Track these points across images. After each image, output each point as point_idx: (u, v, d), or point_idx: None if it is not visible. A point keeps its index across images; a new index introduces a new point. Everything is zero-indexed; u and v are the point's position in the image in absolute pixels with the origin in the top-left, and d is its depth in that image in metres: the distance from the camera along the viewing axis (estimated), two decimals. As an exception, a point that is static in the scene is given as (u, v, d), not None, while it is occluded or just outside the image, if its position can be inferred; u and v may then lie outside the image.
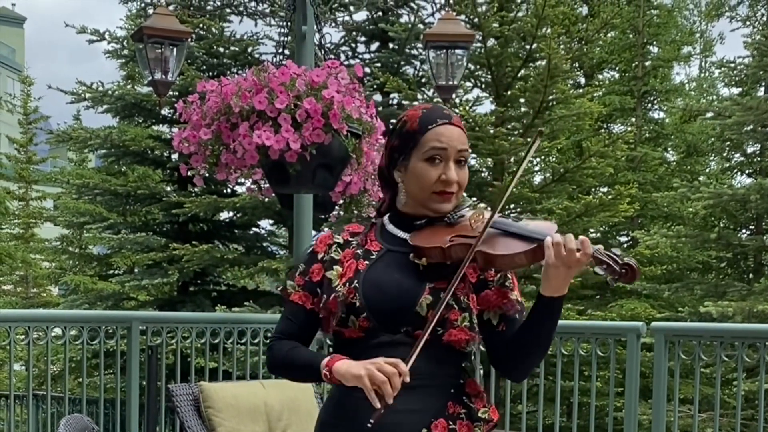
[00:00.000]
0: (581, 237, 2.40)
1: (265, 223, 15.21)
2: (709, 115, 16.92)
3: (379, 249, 2.61)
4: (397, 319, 2.48)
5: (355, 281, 2.53)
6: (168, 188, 14.60)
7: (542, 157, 16.24)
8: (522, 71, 13.06)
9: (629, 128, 18.87)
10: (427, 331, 2.40)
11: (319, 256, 2.65)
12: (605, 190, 16.79)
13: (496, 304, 2.58)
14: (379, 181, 2.76)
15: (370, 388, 2.33)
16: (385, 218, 2.69)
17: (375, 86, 13.29)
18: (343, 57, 14.14)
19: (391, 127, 2.71)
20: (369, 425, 2.32)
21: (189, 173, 4.84)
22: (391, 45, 14.23)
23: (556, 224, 2.57)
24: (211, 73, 13.73)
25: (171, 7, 12.85)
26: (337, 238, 2.67)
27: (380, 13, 14.26)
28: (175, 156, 13.88)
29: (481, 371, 6.33)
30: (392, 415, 2.41)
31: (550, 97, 12.76)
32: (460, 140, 2.57)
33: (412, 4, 14.35)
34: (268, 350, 2.69)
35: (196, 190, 13.76)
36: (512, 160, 13.19)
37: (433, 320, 2.41)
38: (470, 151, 2.65)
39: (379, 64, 14.08)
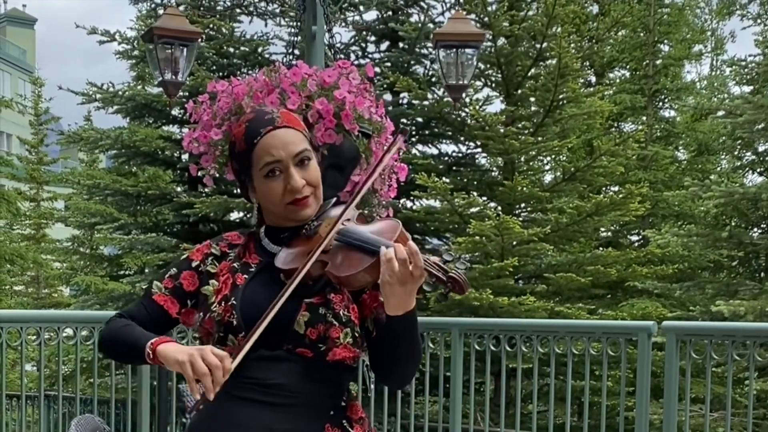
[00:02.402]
0: (411, 245, 2.23)
1: (275, 224, 15.21)
2: (720, 113, 16.86)
3: (258, 262, 2.47)
4: (276, 338, 2.32)
5: (232, 298, 2.38)
6: (178, 189, 14.63)
7: (553, 156, 16.21)
8: (532, 70, 13.04)
9: (640, 127, 18.82)
10: (257, 328, 2.26)
11: (194, 264, 2.50)
12: (616, 189, 16.73)
13: (370, 309, 2.44)
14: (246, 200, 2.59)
15: (191, 377, 2.18)
16: (261, 231, 2.55)
17: (385, 86, 13.28)
18: (353, 57, 14.13)
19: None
20: (187, 417, 2.23)
21: (199, 174, 4.85)
22: (401, 44, 14.21)
23: (399, 222, 2.40)
24: (221, 74, 13.74)
25: (181, 8, 12.90)
26: (214, 249, 2.52)
27: (390, 13, 14.26)
28: (185, 157, 13.90)
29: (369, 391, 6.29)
30: None
31: (561, 96, 12.73)
32: (293, 142, 2.41)
33: (422, 4, 14.35)
34: (105, 325, 2.50)
35: (206, 190, 13.78)
36: (522, 159, 13.17)
37: (262, 322, 2.27)
38: (310, 148, 2.46)
39: (389, 64, 14.06)
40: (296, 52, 6.13)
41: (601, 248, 14.71)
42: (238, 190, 2.76)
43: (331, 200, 2.52)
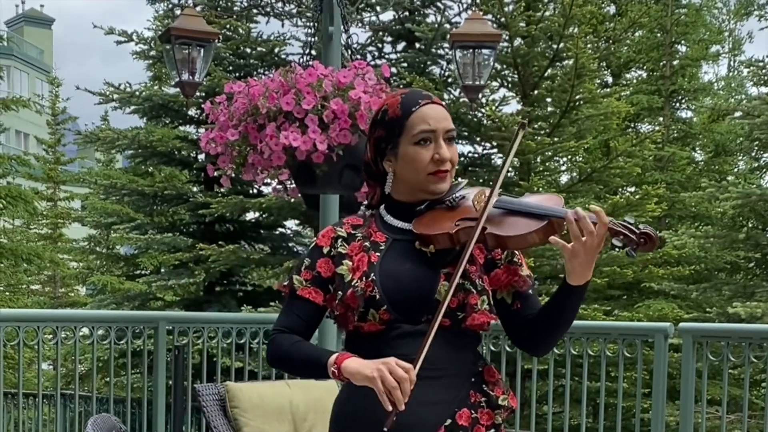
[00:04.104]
0: (593, 207, 2.38)
1: (291, 224, 15.25)
2: (738, 114, 16.80)
3: (385, 240, 2.57)
4: (418, 308, 2.46)
5: (372, 274, 2.49)
6: (195, 189, 14.67)
7: (569, 157, 16.18)
8: (549, 71, 13.02)
9: (657, 128, 18.74)
10: (436, 320, 2.38)
11: (325, 250, 2.60)
12: (632, 189, 16.71)
13: (507, 282, 2.59)
14: (366, 176, 2.70)
15: (382, 390, 2.29)
16: (381, 209, 2.65)
17: (401, 86, 13.28)
18: (369, 57, 14.14)
19: (371, 119, 2.68)
20: (384, 431, 2.30)
21: (216, 174, 4.86)
22: (417, 45, 14.21)
23: (561, 198, 2.55)
24: (238, 74, 13.76)
25: (198, 8, 12.91)
26: (341, 232, 2.62)
27: (407, 13, 14.25)
28: (201, 157, 13.93)
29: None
30: (417, 407, 2.40)
31: (577, 97, 12.70)
32: (446, 119, 2.55)
33: (438, 4, 14.35)
34: (269, 342, 2.61)
35: (222, 190, 13.81)
36: (539, 159, 13.15)
37: (443, 306, 2.39)
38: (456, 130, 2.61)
39: (405, 64, 14.06)
40: (313, 52, 6.12)
41: (617, 249, 14.65)
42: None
43: (461, 182, 2.63)
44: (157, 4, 15.39)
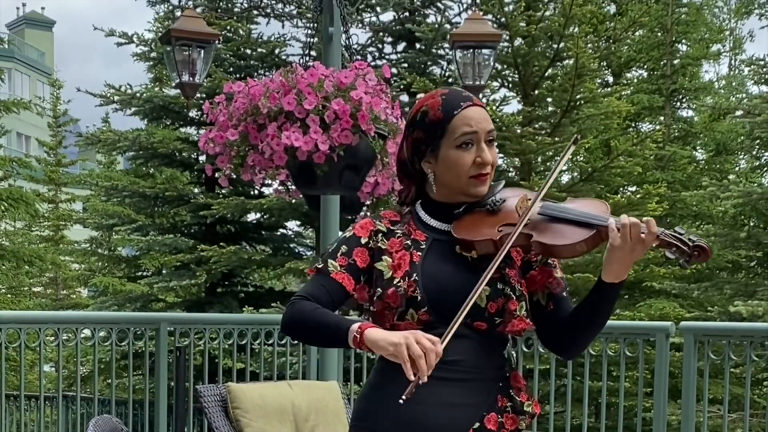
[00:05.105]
0: (645, 218, 2.37)
1: (293, 225, 15.24)
2: (739, 113, 16.79)
3: (425, 238, 2.54)
4: (458, 312, 2.39)
5: (414, 274, 2.46)
6: (196, 190, 14.67)
7: (570, 157, 16.16)
8: (549, 70, 13.01)
9: (658, 127, 18.74)
10: (462, 312, 2.35)
11: (363, 241, 2.55)
12: (633, 189, 16.68)
13: (542, 284, 2.58)
14: (400, 174, 2.67)
15: (406, 358, 2.23)
16: (417, 206, 2.62)
17: (402, 87, 13.27)
18: (369, 58, 14.13)
19: (409, 118, 2.63)
20: (402, 401, 2.25)
21: (215, 174, 4.86)
22: (417, 45, 14.21)
23: (606, 203, 2.53)
24: (238, 75, 13.75)
25: (198, 10, 12.91)
26: (380, 226, 2.58)
27: (407, 14, 14.24)
28: (202, 158, 13.93)
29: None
30: (448, 409, 2.43)
31: (578, 96, 12.69)
32: (487, 120, 2.53)
33: (438, 4, 14.34)
34: (289, 306, 2.51)
35: (223, 191, 13.81)
36: (539, 159, 13.14)
37: (469, 302, 2.36)
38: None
39: (405, 65, 14.05)
40: (313, 53, 6.13)
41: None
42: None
43: (500, 182, 2.62)
44: (158, 5, 15.40)
